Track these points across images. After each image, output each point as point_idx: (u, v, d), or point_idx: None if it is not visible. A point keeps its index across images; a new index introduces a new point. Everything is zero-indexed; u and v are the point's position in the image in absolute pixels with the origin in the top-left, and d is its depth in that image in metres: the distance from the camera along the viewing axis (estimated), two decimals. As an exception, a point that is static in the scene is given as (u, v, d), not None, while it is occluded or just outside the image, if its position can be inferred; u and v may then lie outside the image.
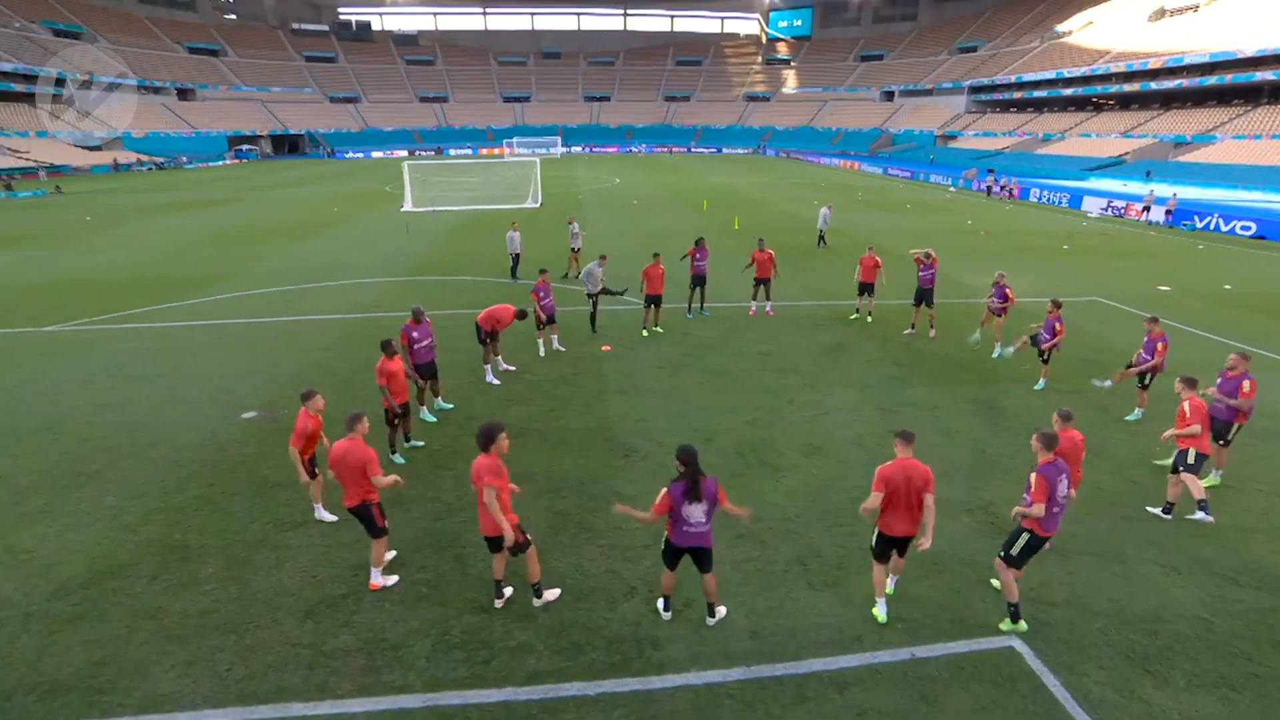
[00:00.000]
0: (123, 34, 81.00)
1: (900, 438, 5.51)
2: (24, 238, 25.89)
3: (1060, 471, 5.32)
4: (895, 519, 5.43)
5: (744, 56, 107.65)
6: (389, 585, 6.15)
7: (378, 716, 4.82)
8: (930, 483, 5.39)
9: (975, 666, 5.21)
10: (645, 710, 4.85)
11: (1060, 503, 5.36)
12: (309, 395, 6.71)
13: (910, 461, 5.40)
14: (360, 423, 5.90)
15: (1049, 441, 5.34)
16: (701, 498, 5.18)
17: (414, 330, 8.85)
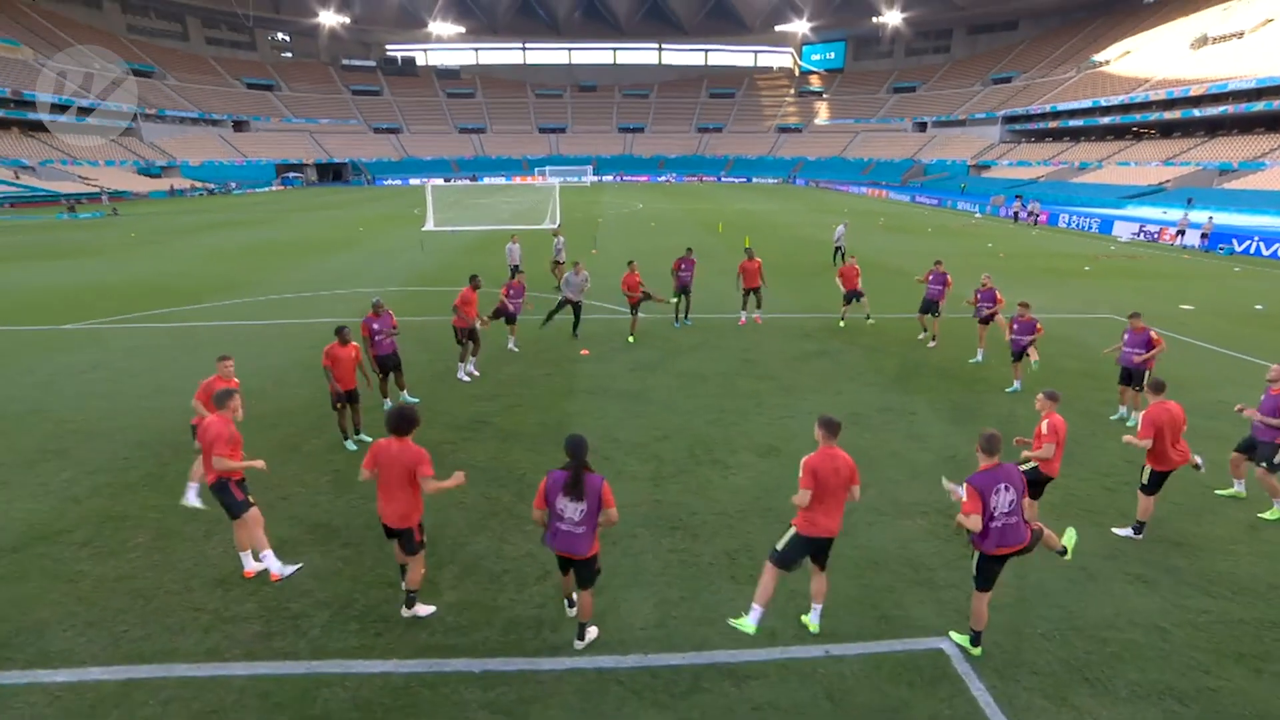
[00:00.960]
0: (190, 72, 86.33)
1: (823, 426, 4.97)
2: (72, 251, 27.35)
3: (998, 481, 4.67)
4: (820, 515, 4.87)
5: (777, 89, 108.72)
6: (287, 573, 5.85)
7: (258, 680, 4.72)
8: (856, 474, 4.94)
9: (895, 667, 4.87)
10: (527, 690, 4.64)
11: (1000, 517, 4.66)
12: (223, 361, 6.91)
13: (836, 451, 4.91)
14: (231, 399, 5.72)
15: (985, 444, 4.76)
16: (582, 496, 4.63)
17: (374, 322, 8.97)
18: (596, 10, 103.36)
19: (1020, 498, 4.76)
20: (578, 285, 12.93)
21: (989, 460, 4.75)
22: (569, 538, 4.72)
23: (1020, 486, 4.75)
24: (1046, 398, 6.28)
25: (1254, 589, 5.83)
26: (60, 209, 45.32)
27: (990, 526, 4.68)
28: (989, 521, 4.66)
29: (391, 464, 4.95)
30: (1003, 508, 4.68)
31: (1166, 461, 6.30)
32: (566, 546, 4.74)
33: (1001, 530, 4.71)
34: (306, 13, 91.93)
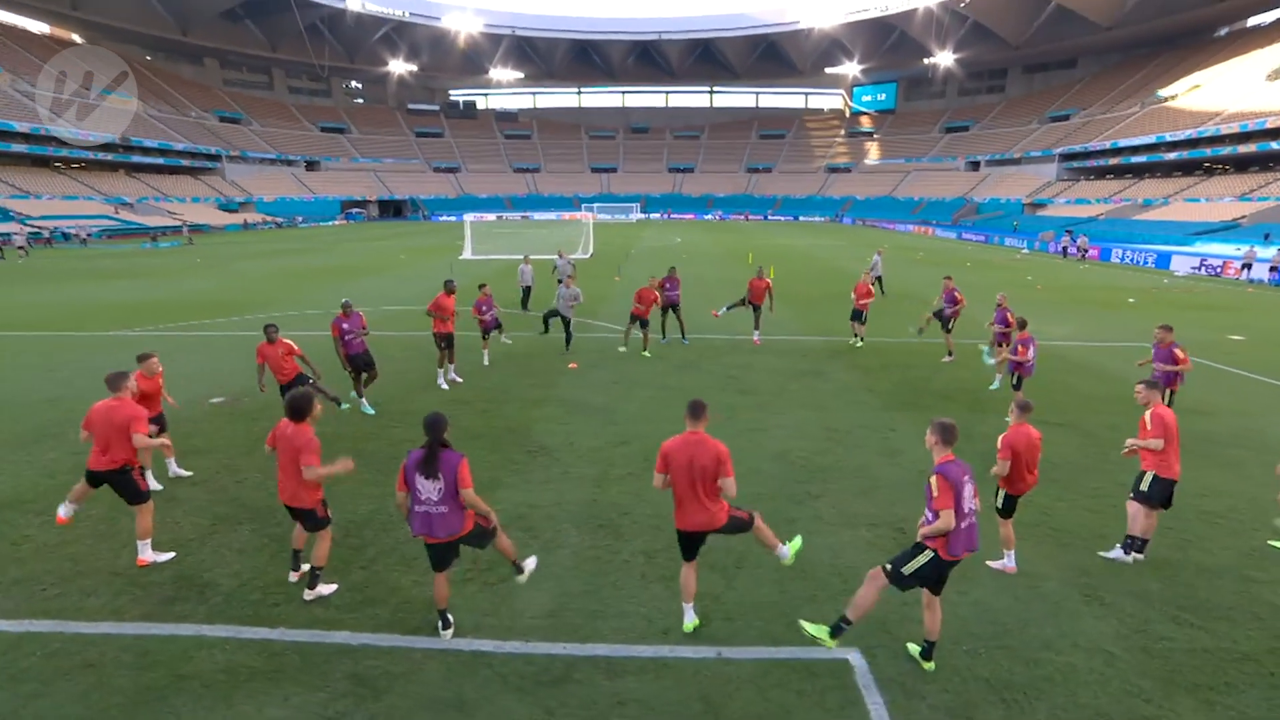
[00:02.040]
0: (272, 118, 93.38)
1: (688, 410, 4.70)
2: (141, 273, 29.50)
3: (965, 471, 4.31)
4: (683, 509, 4.61)
5: (827, 130, 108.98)
6: (160, 560, 5.79)
7: (144, 639, 4.81)
8: (724, 464, 4.56)
9: (788, 674, 4.54)
10: (396, 666, 4.56)
11: (969, 514, 4.31)
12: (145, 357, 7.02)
13: (698, 437, 4.60)
14: (125, 380, 5.84)
15: (944, 433, 4.34)
16: (437, 474, 4.48)
17: (344, 322, 9.29)
18: (650, 56, 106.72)
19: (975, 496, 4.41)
20: (568, 300, 13.06)
21: (945, 451, 4.33)
22: (427, 519, 4.56)
23: (974, 484, 4.39)
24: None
25: (1232, 619, 5.23)
26: (145, 239, 49.18)
27: (960, 527, 4.24)
28: (959, 520, 4.21)
29: (285, 446, 5.05)
30: (969, 502, 4.28)
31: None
32: (425, 528, 4.57)
33: (965, 533, 4.28)
34: (378, 62, 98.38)
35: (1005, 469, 5.45)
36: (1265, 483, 7.62)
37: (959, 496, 4.21)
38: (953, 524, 4.17)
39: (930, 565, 4.32)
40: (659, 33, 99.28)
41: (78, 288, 24.19)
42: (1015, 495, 5.66)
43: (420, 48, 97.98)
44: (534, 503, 7.04)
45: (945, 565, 4.34)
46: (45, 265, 32.87)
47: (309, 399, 5.15)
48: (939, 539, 4.25)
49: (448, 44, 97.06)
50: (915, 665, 4.63)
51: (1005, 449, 5.44)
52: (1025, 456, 5.50)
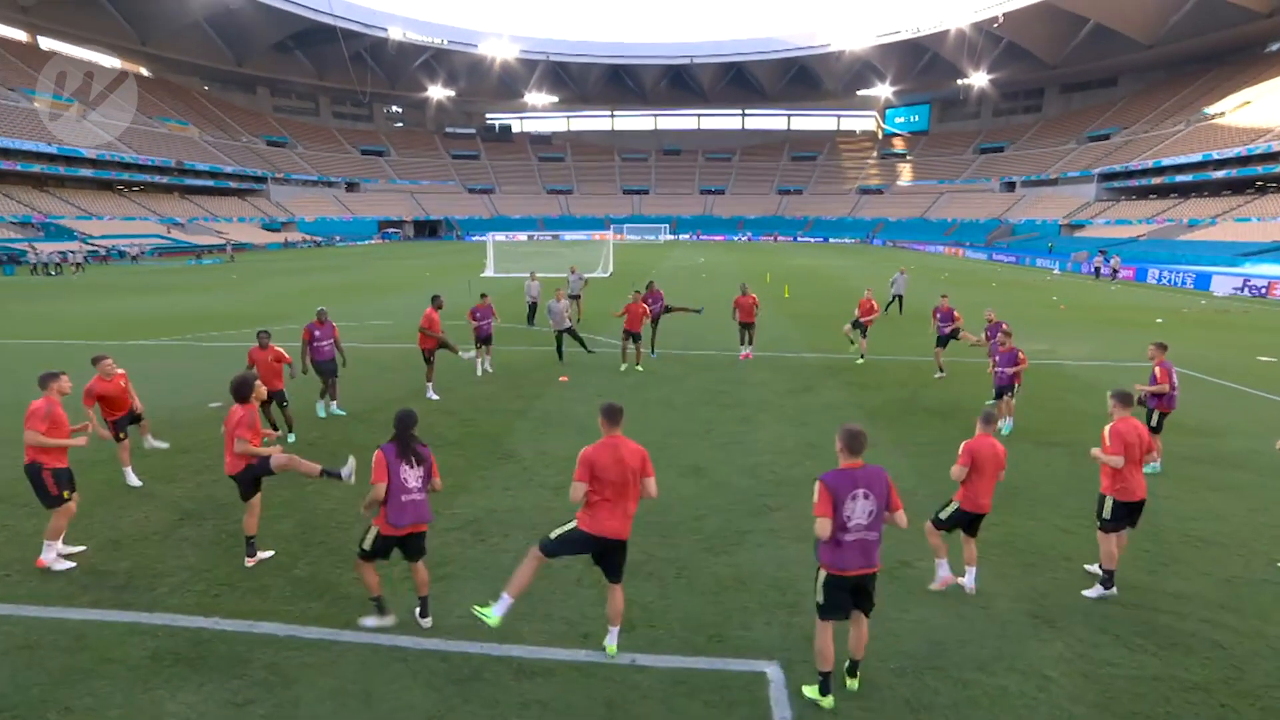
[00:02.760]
0: (316, 141, 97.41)
1: (603, 413, 4.61)
2: (179, 288, 30.89)
3: (857, 486, 4.04)
4: (605, 514, 4.41)
5: (859, 152, 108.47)
6: (55, 569, 5.73)
7: (86, 624, 5.00)
8: (648, 465, 4.52)
9: (700, 684, 4.44)
10: (314, 656, 4.63)
11: (855, 530, 4.04)
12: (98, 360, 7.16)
13: (618, 439, 4.52)
14: (56, 380, 5.94)
15: (848, 440, 4.11)
16: (421, 460, 4.74)
17: (317, 329, 9.65)
18: (682, 79, 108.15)
19: (882, 509, 4.12)
20: (559, 313, 13.23)
21: (850, 460, 4.12)
22: (417, 507, 4.72)
23: (885, 497, 4.10)
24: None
25: (1190, 647, 4.92)
26: (191, 257, 51.54)
27: (842, 540, 4.03)
28: (840, 533, 4.03)
29: (228, 426, 5.42)
30: (859, 518, 4.02)
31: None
32: (416, 516, 4.72)
33: (858, 546, 4.07)
34: (418, 88, 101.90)
35: (961, 474, 5.28)
36: (1264, 508, 7.25)
37: (840, 507, 4.00)
38: (826, 533, 3.99)
39: (830, 582, 4.13)
40: (690, 56, 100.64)
41: (120, 301, 25.43)
42: (965, 509, 5.39)
43: (458, 74, 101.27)
44: (492, 508, 7.11)
45: (839, 583, 4.11)
46: (97, 281, 34.63)
47: (249, 382, 5.62)
48: (825, 555, 4.10)
49: (484, 70, 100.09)
50: (834, 681, 4.47)
51: (965, 454, 5.26)
52: (988, 470, 5.25)
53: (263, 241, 68.17)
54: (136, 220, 61.05)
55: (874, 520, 4.08)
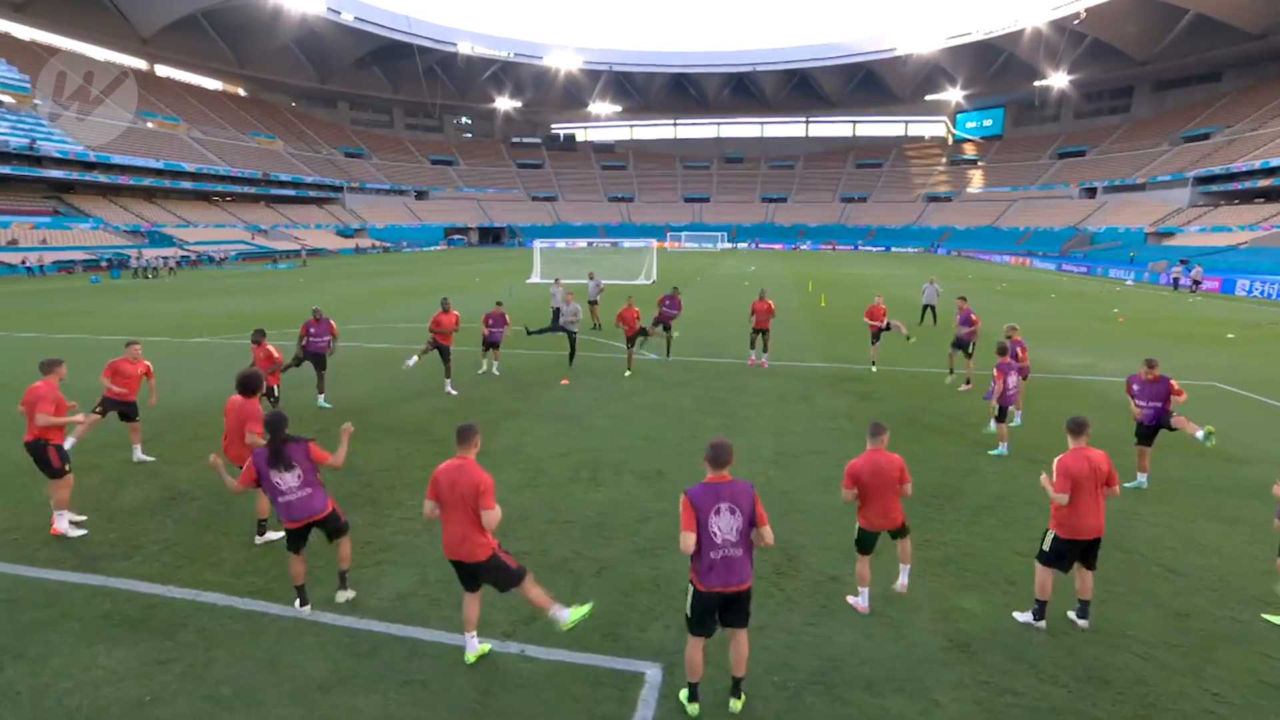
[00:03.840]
0: (390, 152, 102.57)
1: (458, 435, 4.60)
2: (251, 290, 33.27)
3: (720, 500, 3.98)
4: (446, 534, 4.51)
5: (927, 158, 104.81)
6: (70, 535, 6.41)
7: (62, 584, 5.66)
8: (484, 495, 4.38)
9: (576, 679, 4.57)
10: (243, 625, 5.09)
11: (724, 545, 3.97)
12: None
13: (466, 462, 4.49)
14: (57, 367, 6.68)
15: (712, 453, 4.07)
16: (292, 465, 4.96)
17: (312, 326, 10.44)
18: (745, 88, 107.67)
19: (748, 526, 4.04)
20: (569, 315, 13.58)
21: (716, 474, 4.07)
22: (303, 503, 5.05)
23: (750, 512, 4.04)
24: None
25: (1107, 681, 4.65)
26: (268, 261, 55.31)
27: (708, 558, 3.96)
28: (709, 550, 3.95)
29: (234, 417, 6.38)
30: (725, 534, 3.96)
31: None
32: (306, 511, 5.06)
33: (722, 563, 3.99)
34: (486, 99, 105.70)
35: (848, 496, 5.22)
36: (1263, 542, 6.68)
37: (704, 522, 3.95)
38: (688, 548, 3.95)
39: (698, 601, 4.10)
40: (753, 64, 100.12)
41: (199, 302, 27.67)
42: (865, 529, 5.30)
43: (524, 85, 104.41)
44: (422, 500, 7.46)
45: (709, 597, 4.06)
46: (185, 283, 37.70)
47: (259, 378, 6.30)
48: (693, 570, 4.09)
49: (549, 81, 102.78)
50: (712, 688, 4.42)
51: (848, 476, 5.18)
52: (870, 485, 5.14)
53: (336, 247, 72.26)
54: (226, 227, 65.98)
55: (741, 537, 4.02)
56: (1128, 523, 7.12)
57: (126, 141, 61.91)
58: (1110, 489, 5.17)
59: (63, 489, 6.57)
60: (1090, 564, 5.23)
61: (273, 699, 4.33)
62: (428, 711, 4.24)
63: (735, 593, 4.10)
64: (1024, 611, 5.36)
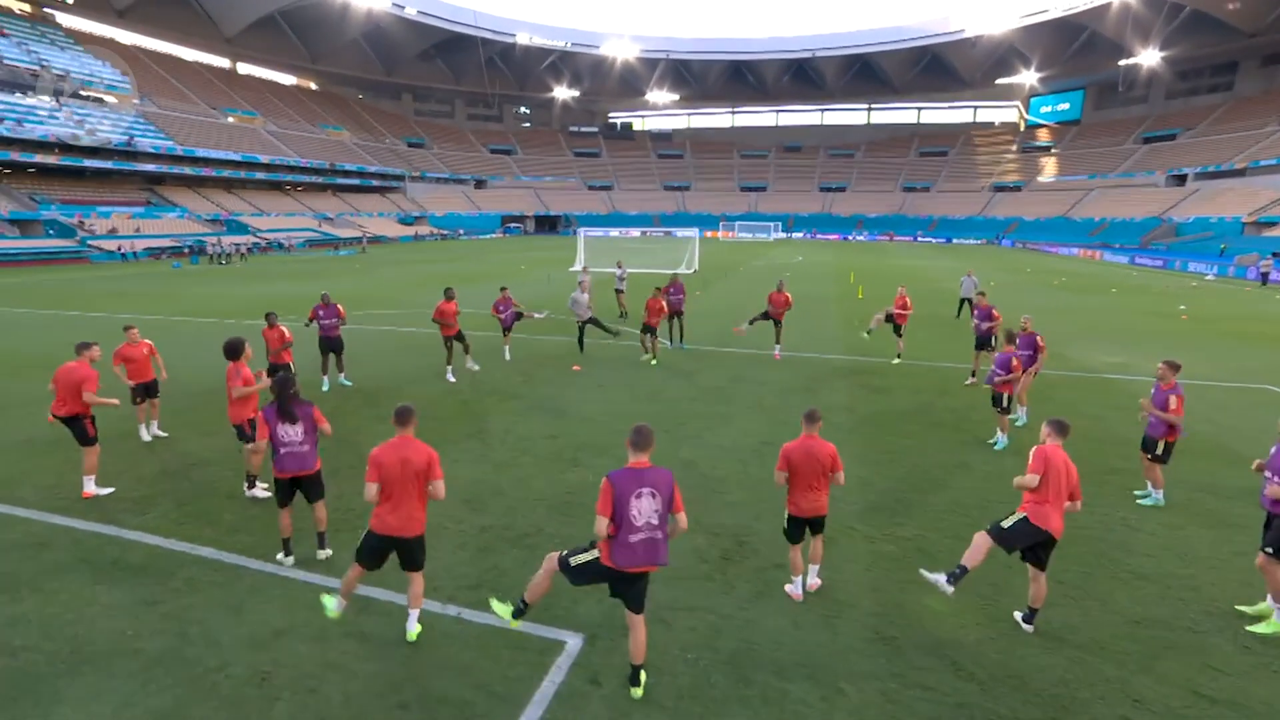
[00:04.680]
0: (450, 142, 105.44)
1: (397, 416, 4.76)
2: (310, 275, 35.16)
3: (642, 485, 4.12)
4: (387, 511, 4.65)
5: (997, 145, 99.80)
6: (101, 494, 7.19)
7: (72, 530, 6.48)
8: (434, 465, 4.65)
9: (502, 643, 4.90)
10: (224, 576, 5.69)
11: (645, 529, 4.12)
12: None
13: (407, 439, 4.70)
14: (89, 349, 7.39)
15: (633, 436, 4.26)
16: (297, 419, 5.56)
17: (321, 310, 11.14)
18: (805, 74, 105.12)
19: (667, 510, 4.21)
20: (584, 304, 13.94)
21: (638, 457, 4.24)
22: (297, 457, 5.62)
23: (669, 497, 4.21)
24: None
25: (1025, 681, 4.63)
26: (330, 248, 58.11)
27: (626, 541, 4.11)
28: (628, 532, 4.12)
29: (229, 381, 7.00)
30: (646, 517, 4.13)
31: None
32: (297, 465, 5.63)
33: (642, 545, 4.15)
34: (544, 89, 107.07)
35: (780, 479, 5.36)
36: (1252, 553, 6.37)
37: (622, 505, 4.09)
38: (602, 531, 4.11)
39: (594, 567, 4.26)
40: (813, 50, 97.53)
41: (264, 286, 29.53)
42: (794, 515, 5.38)
43: (582, 74, 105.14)
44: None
45: (611, 573, 4.22)
46: (253, 269, 40.13)
47: (240, 343, 7.02)
48: (603, 544, 4.21)
49: (606, 70, 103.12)
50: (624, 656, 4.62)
51: (781, 459, 5.33)
52: (800, 470, 5.25)
53: (396, 234, 75.06)
54: (295, 215, 69.58)
55: (661, 520, 4.21)
56: (1113, 526, 6.93)
57: (210, 135, 66.08)
58: (1072, 503, 5.09)
59: (92, 456, 7.37)
60: (1042, 563, 5.14)
61: (230, 640, 4.87)
62: (358, 660, 4.69)
63: (642, 573, 4.30)
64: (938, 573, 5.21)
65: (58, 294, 26.51)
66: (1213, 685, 4.61)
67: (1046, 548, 5.10)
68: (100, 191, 55.89)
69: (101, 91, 60.29)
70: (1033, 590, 5.17)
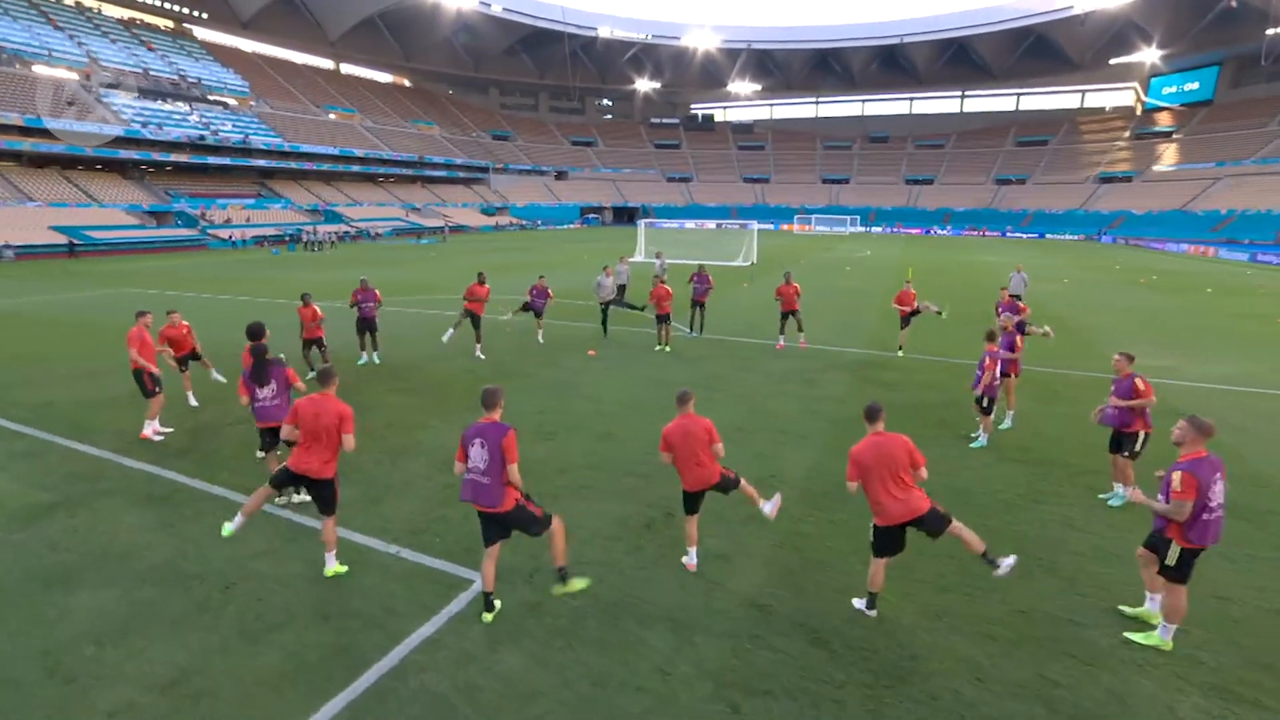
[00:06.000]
0: (534, 135, 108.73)
1: (320, 376, 5.63)
2: (389, 262, 37.80)
3: (478, 436, 4.87)
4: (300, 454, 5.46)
5: (1107, 132, 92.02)
6: (154, 439, 8.69)
7: (136, 471, 7.80)
8: (346, 421, 5.40)
9: (424, 577, 5.71)
10: (229, 510, 6.79)
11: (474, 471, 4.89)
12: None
13: (327, 397, 5.48)
14: (143, 317, 8.93)
15: (483, 398, 5.05)
16: (269, 380, 6.55)
17: (360, 293, 12.25)
18: (895, 61, 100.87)
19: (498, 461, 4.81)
20: (608, 288, 14.68)
21: (487, 415, 5.00)
22: (269, 410, 6.66)
23: (497, 449, 4.82)
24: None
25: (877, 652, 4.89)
26: (414, 237, 61.74)
27: (466, 477, 4.93)
28: (466, 473, 4.95)
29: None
30: (475, 462, 4.88)
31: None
32: (270, 416, 6.66)
33: (470, 485, 4.91)
34: (625, 81, 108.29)
35: (665, 459, 5.74)
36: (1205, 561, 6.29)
37: (465, 449, 4.94)
38: (459, 471, 4.98)
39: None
40: (902, 36, 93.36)
41: (346, 271, 32.10)
42: (687, 491, 5.76)
43: (663, 66, 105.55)
44: (419, 440, 8.91)
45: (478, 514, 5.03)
46: (341, 256, 43.47)
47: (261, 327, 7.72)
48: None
49: (688, 61, 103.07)
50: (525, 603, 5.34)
51: (661, 440, 5.71)
52: (680, 448, 5.63)
53: (477, 224, 78.57)
54: (386, 206, 74.30)
55: (489, 466, 4.84)
56: (1049, 524, 6.90)
57: (313, 132, 71.58)
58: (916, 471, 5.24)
59: (153, 405, 8.84)
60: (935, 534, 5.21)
61: (214, 557, 5.96)
62: (304, 582, 5.63)
63: (490, 513, 4.95)
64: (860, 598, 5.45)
65: (176, 277, 30.05)
66: (1063, 671, 4.72)
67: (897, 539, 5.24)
68: (220, 185, 61.93)
69: (226, 96, 66.72)
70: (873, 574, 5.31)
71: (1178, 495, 4.58)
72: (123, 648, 4.81)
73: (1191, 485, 4.54)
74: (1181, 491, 4.56)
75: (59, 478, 7.64)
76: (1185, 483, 4.55)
